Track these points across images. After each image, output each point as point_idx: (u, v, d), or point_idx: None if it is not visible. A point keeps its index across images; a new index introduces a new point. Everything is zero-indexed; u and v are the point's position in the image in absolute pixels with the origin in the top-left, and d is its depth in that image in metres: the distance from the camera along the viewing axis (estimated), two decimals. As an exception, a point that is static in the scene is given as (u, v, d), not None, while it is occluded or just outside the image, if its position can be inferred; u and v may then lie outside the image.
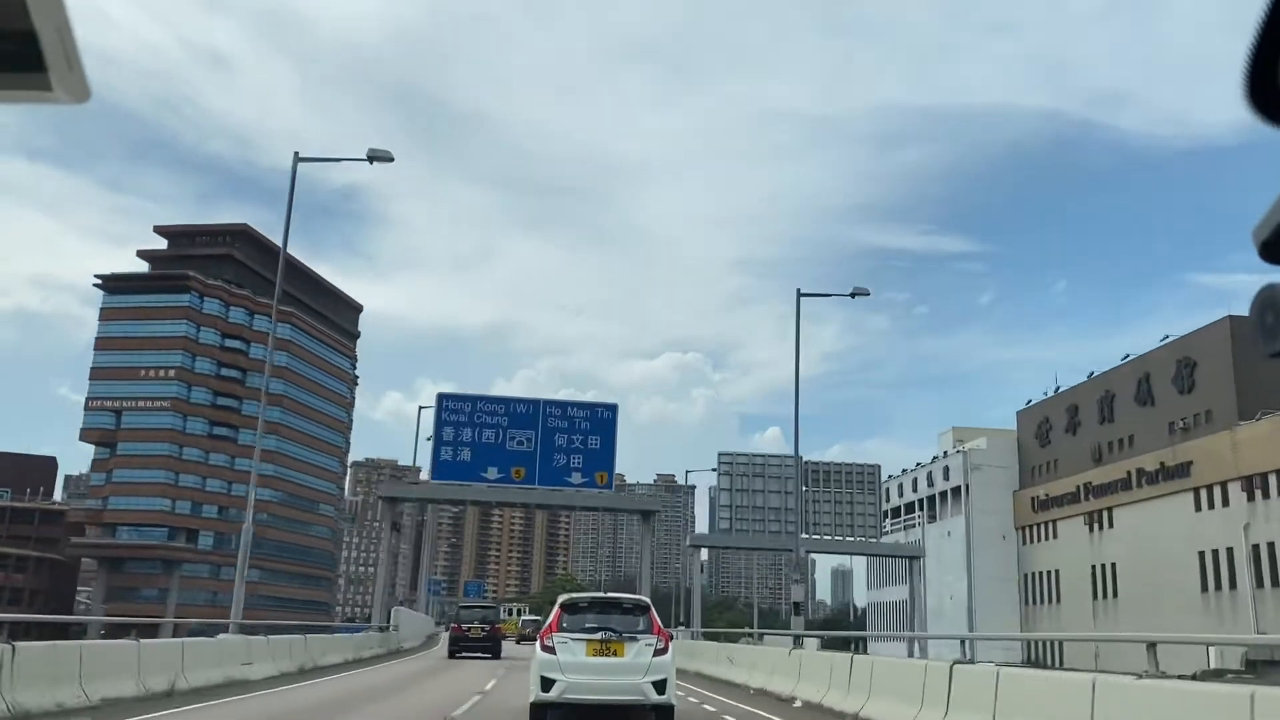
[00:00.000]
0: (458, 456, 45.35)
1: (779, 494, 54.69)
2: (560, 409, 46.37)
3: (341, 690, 22.40)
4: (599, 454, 46.09)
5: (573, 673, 12.92)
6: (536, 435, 45.87)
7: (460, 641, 36.86)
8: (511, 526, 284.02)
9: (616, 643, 13.07)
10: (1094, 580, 63.49)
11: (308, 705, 18.36)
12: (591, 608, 13.98)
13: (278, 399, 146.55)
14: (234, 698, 18.56)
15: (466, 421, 45.51)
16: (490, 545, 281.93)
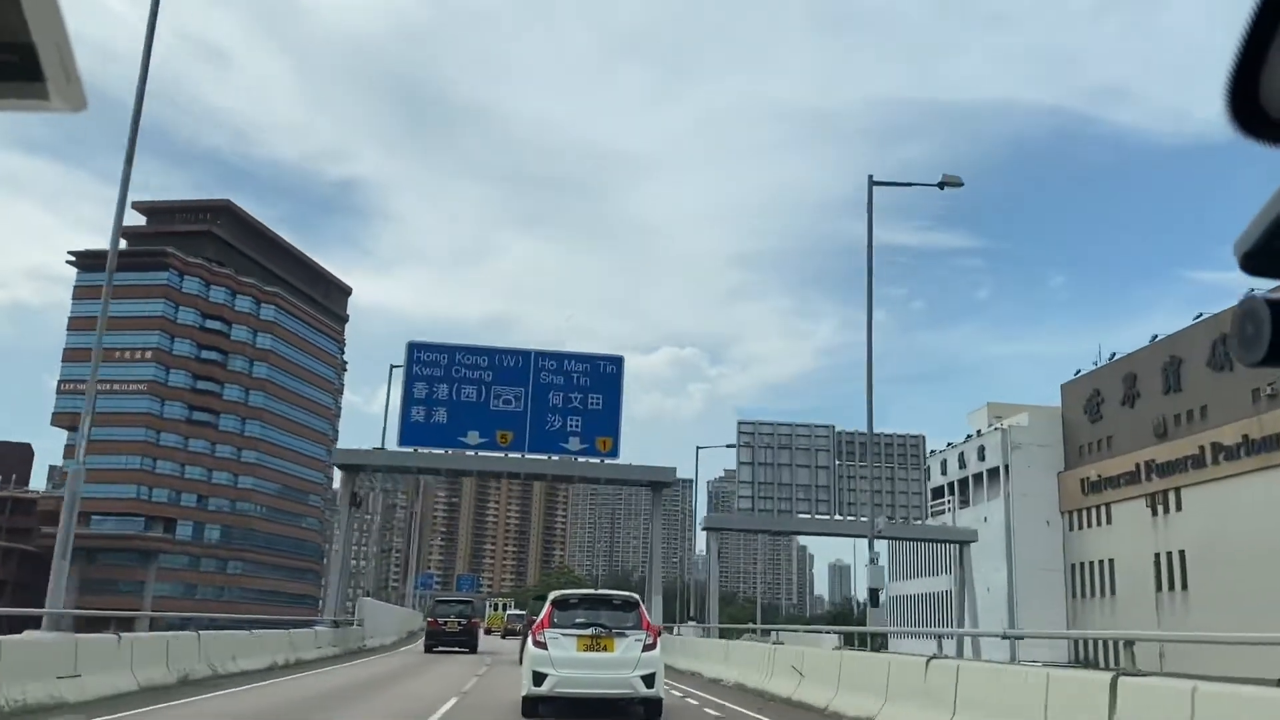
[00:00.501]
0: (431, 418, 37.18)
1: (809, 469, 46.52)
2: (555, 362, 38.13)
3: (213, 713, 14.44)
4: (601, 415, 37.89)
5: (564, 667, 12.88)
6: (527, 393, 37.72)
7: (436, 635, 36.15)
8: (507, 520, 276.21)
9: (607, 638, 13.10)
10: (1158, 571, 55.47)
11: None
12: (582, 604, 13.98)
13: (261, 384, 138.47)
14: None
15: (442, 376, 37.34)
16: (485, 539, 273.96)
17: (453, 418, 37.15)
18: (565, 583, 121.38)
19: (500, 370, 37.68)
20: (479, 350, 37.82)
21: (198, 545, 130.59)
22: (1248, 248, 0.96)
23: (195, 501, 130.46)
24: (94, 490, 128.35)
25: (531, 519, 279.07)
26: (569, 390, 37.90)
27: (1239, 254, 0.96)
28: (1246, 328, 0.99)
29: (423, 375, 37.34)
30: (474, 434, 37.09)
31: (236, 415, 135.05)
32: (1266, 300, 0.97)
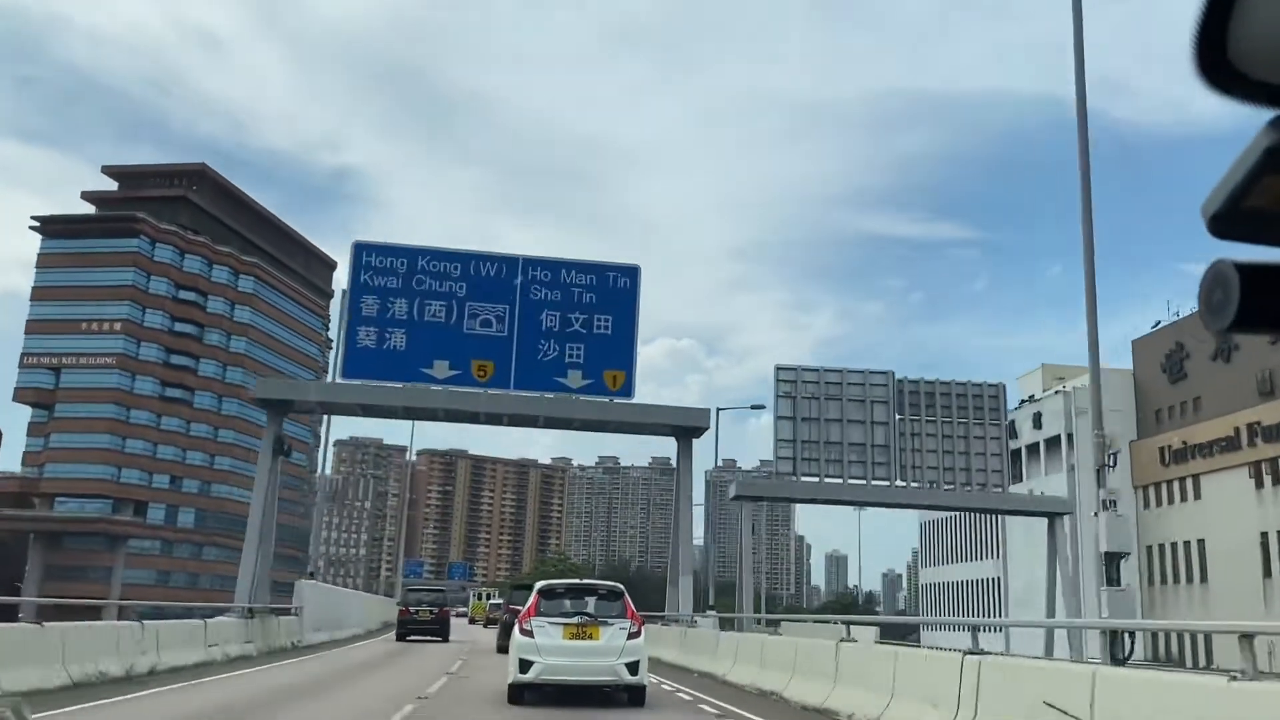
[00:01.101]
0: (386, 343, 27.48)
1: (863, 424, 36.88)
2: (550, 272, 28.31)
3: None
4: (611, 343, 28.18)
5: (550, 655, 12.93)
6: (512, 313, 28.05)
7: (407, 624, 34.89)
8: (502, 508, 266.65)
9: (592, 626, 13.19)
10: (1265, 553, 46.06)
11: None
12: (568, 593, 14.06)
13: (239, 359, 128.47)
14: None
15: (400, 288, 27.66)
16: (480, 528, 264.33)
17: (414, 343, 27.48)
18: (562, 570, 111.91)
19: (478, 282, 27.97)
20: (449, 255, 28.05)
21: (170, 529, 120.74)
22: (1215, 209, 0.92)
23: (168, 483, 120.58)
24: (59, 470, 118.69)
25: (527, 507, 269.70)
26: (568, 309, 28.20)
27: (1206, 217, 0.93)
28: (1215, 293, 0.93)
29: (374, 286, 27.61)
30: (442, 364, 27.41)
31: (212, 392, 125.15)
32: (1235, 265, 0.93)
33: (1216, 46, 0.87)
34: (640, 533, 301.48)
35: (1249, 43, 0.86)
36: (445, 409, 27.41)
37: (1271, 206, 0.90)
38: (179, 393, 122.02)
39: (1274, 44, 0.86)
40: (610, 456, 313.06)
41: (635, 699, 13.51)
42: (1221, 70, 0.88)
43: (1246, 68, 0.88)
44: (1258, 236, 0.93)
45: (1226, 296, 0.93)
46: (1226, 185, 0.91)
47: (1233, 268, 0.93)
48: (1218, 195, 0.92)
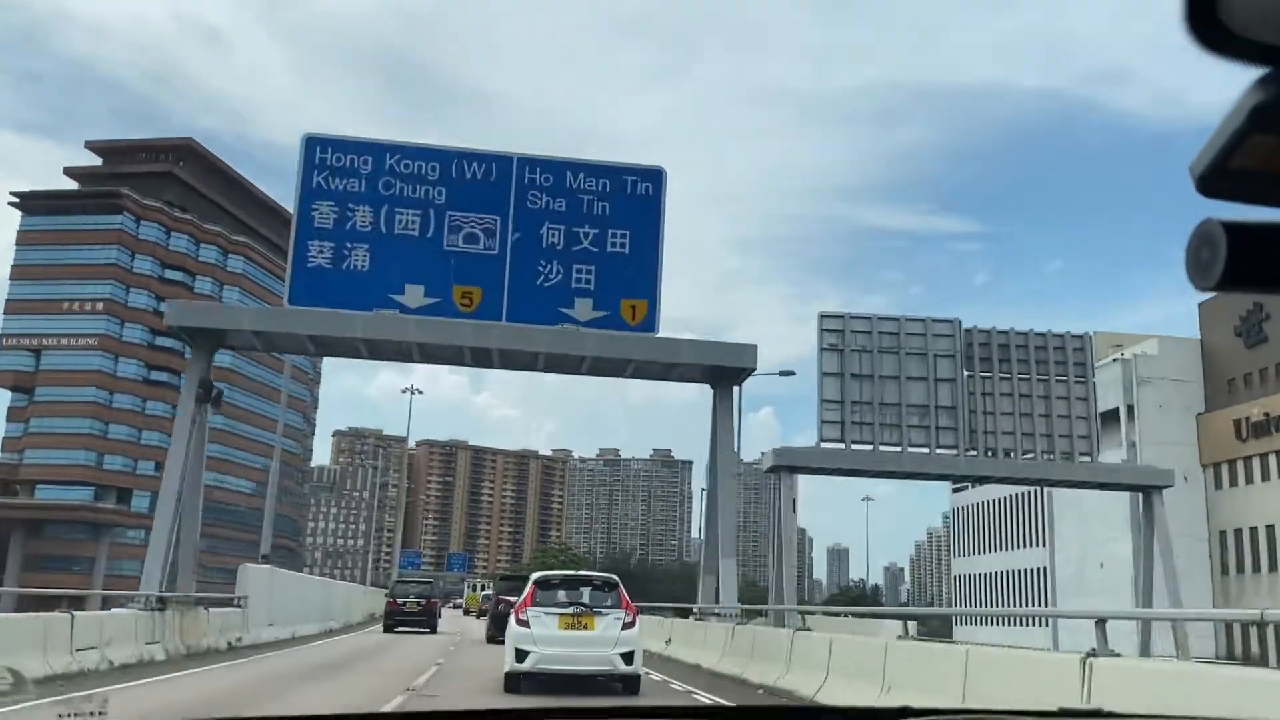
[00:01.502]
0: (345, 263, 21.24)
1: (925, 382, 30.67)
2: (553, 176, 21.84)
3: None
4: (629, 265, 21.88)
5: (545, 645, 13.00)
6: (505, 225, 21.83)
7: (395, 615, 34.05)
8: (503, 500, 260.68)
9: (587, 617, 13.30)
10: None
11: None
12: (563, 584, 14.20)
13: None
14: None
15: (362, 193, 21.41)
16: (480, 519, 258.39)
17: (381, 263, 21.25)
18: (564, 561, 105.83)
19: (462, 188, 21.72)
20: (425, 152, 21.71)
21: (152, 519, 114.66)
22: (1203, 169, 0.91)
23: (153, 469, 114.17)
24: (40, 456, 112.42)
25: (527, 498, 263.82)
26: (576, 222, 21.92)
27: (1195, 175, 0.91)
28: (1202, 252, 0.92)
29: (330, 190, 21.38)
30: (415, 290, 21.15)
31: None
32: (1222, 224, 0.91)
33: (1207, 5, 0.85)
34: (641, 525, 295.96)
35: (1239, 1, 0.84)
36: (420, 343, 21.01)
37: (1258, 165, 0.89)
38: (164, 376, 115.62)
39: (1263, 2, 0.84)
40: (611, 449, 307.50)
41: (630, 688, 13.47)
42: (1212, 29, 0.86)
43: (1236, 26, 0.86)
44: (1244, 195, 0.92)
45: (1214, 255, 0.91)
46: (1214, 145, 0.90)
47: (1220, 226, 0.91)
48: (1205, 154, 0.90)
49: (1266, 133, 0.87)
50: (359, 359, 22.13)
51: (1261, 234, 0.92)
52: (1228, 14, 0.85)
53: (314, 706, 12.02)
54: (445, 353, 22.13)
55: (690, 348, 22.61)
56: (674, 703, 13.04)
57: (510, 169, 21.89)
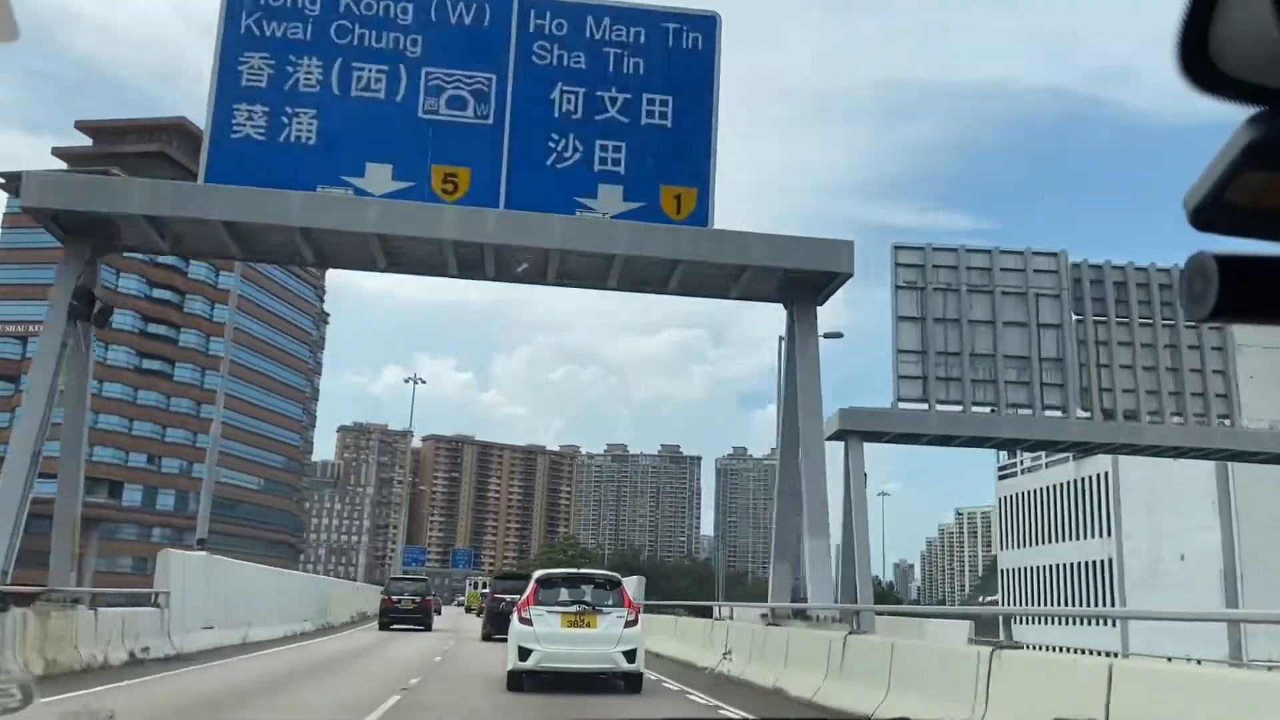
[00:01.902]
0: (284, 135, 15.18)
1: (1024, 327, 24.47)
2: (568, 22, 15.57)
3: None
4: (671, 141, 15.80)
5: (548, 643, 12.84)
6: (501, 87, 15.75)
7: (390, 613, 33.24)
8: (510, 496, 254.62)
9: (590, 615, 13.11)
10: None
11: None
12: (565, 582, 13.86)
13: (222, 329, 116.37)
14: None
15: (307, 44, 15.43)
16: (487, 515, 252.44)
17: (332, 134, 15.16)
18: (573, 556, 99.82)
19: (444, 35, 15.67)
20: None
21: (149, 513, 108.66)
22: (1196, 202, 0.93)
23: (145, 461, 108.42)
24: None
25: (535, 494, 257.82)
26: (600, 84, 15.87)
27: (1188, 209, 0.94)
28: (1195, 283, 0.94)
29: (264, 39, 15.37)
30: (380, 170, 15.05)
31: (194, 364, 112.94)
32: (1215, 256, 0.94)
33: (1199, 46, 0.88)
34: (650, 522, 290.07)
35: (1229, 42, 0.87)
36: (382, 236, 14.82)
37: (1249, 201, 0.91)
38: (157, 364, 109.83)
39: (1252, 43, 0.86)
40: (619, 444, 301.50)
41: (632, 685, 13.26)
42: (1204, 69, 0.89)
43: (1227, 66, 0.89)
44: (1237, 229, 0.94)
45: (1206, 286, 0.93)
46: (1207, 180, 0.92)
47: (1212, 259, 0.94)
48: (1199, 189, 0.93)
49: (1258, 169, 0.89)
50: (301, 265, 16.06)
51: (1253, 266, 0.94)
52: (1219, 55, 0.88)
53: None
54: (418, 252, 15.93)
55: (763, 244, 16.24)
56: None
57: (510, 9, 15.78)
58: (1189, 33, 0.89)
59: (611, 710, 12.41)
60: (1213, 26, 0.88)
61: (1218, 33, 0.88)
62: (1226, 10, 0.87)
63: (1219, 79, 0.89)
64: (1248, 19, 0.86)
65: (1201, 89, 0.90)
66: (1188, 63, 0.89)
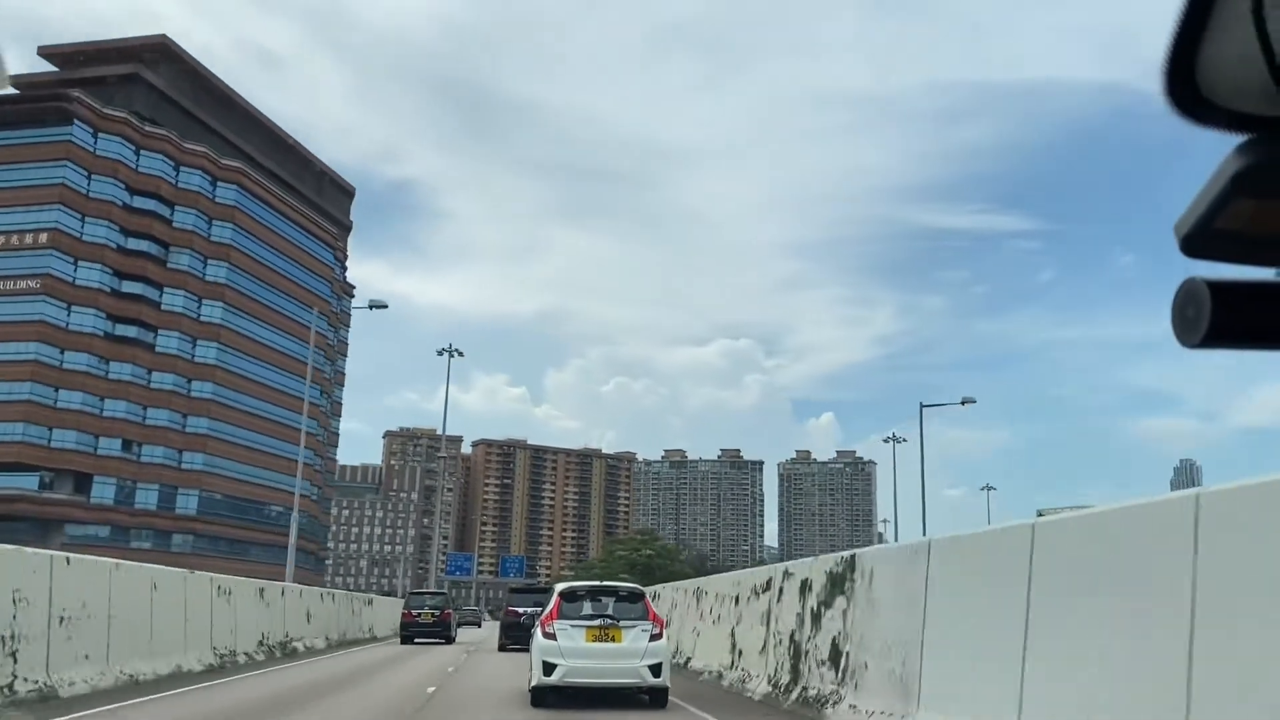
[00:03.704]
0: None
1: None
2: None
3: None
4: None
5: (573, 657, 12.17)
6: None
7: (410, 627, 31.75)
8: (565, 502, 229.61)
9: (614, 629, 12.47)
10: None
11: None
12: (589, 596, 13.02)
13: (218, 290, 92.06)
14: None
15: None
16: (541, 523, 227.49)
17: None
18: (650, 553, 74.60)
19: None
20: None
21: (125, 511, 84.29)
22: (1187, 230, 0.92)
23: (120, 448, 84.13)
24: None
25: (591, 500, 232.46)
26: None
27: (1179, 236, 0.93)
28: (1187, 310, 0.92)
29: None
30: None
31: (181, 331, 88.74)
32: (1207, 282, 0.92)
33: (1186, 75, 0.87)
34: (711, 529, 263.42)
35: (1216, 71, 0.86)
36: None
37: (1239, 228, 0.90)
38: (134, 330, 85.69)
39: (1239, 73, 0.85)
40: (677, 449, 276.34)
41: (657, 700, 12.45)
42: (1191, 97, 0.88)
43: (1214, 95, 0.88)
44: (1227, 256, 0.93)
45: (1198, 312, 0.92)
46: (1197, 208, 0.91)
47: (1204, 285, 0.92)
48: (1189, 217, 0.92)
49: (1247, 197, 0.88)
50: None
51: (1244, 291, 0.92)
52: (1206, 84, 0.87)
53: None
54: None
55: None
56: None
57: None
58: (1176, 61, 0.87)
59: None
60: (1199, 55, 0.86)
61: (1205, 61, 0.86)
62: (1213, 39, 0.85)
63: (1206, 107, 0.88)
64: (1234, 48, 0.84)
65: (1188, 117, 0.88)
66: (1174, 91, 0.87)
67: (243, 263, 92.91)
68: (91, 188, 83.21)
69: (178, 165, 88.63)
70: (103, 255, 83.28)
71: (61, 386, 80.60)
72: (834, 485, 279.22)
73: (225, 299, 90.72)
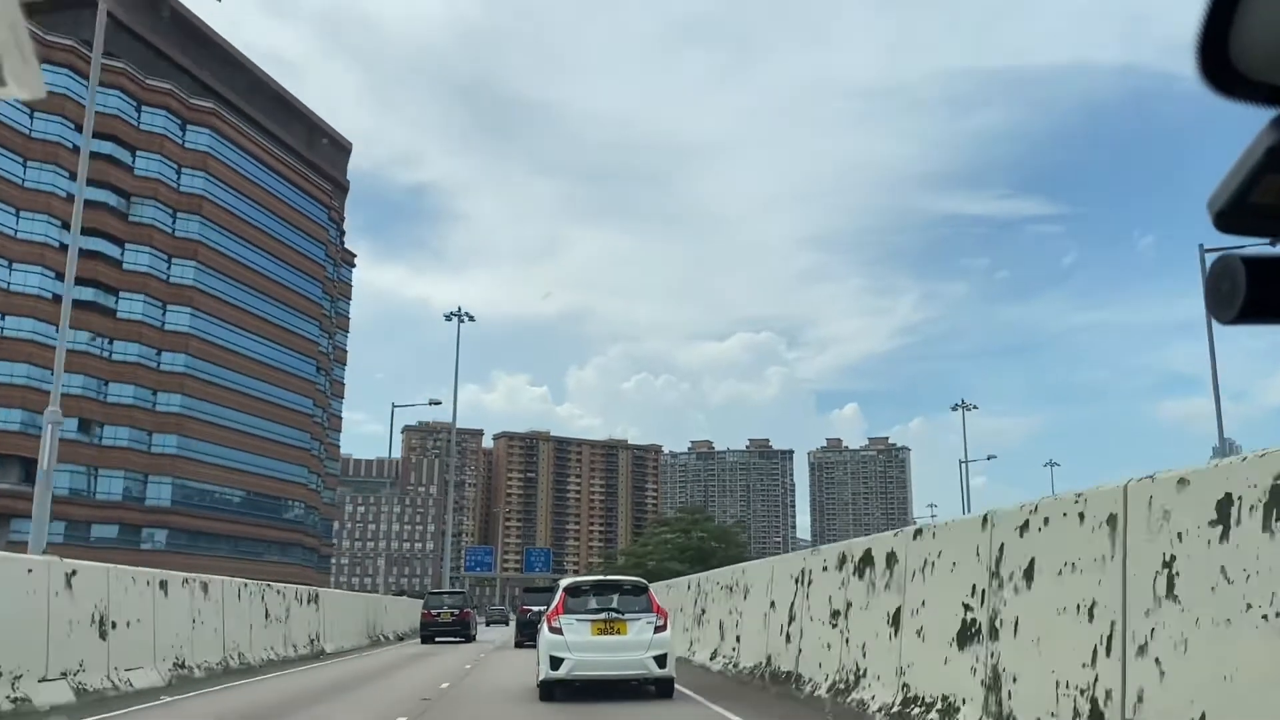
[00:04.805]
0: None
1: None
2: None
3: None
4: None
5: (579, 651, 12.14)
6: None
7: (430, 626, 31.54)
8: (591, 495, 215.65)
9: (620, 622, 12.40)
10: None
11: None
12: (594, 590, 13.14)
13: (190, 247, 78.15)
14: None
15: None
16: (568, 516, 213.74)
17: None
18: (702, 533, 60.38)
19: None
20: None
21: (85, 503, 70.48)
22: (1220, 206, 0.89)
23: (75, 430, 70.26)
24: None
25: (618, 492, 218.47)
26: None
27: (1212, 212, 0.90)
28: (1222, 285, 0.89)
29: None
30: None
31: (148, 294, 74.85)
32: (1242, 258, 0.89)
33: (1219, 49, 0.84)
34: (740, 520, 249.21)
35: (1250, 45, 0.83)
36: None
37: (1274, 202, 0.87)
38: (89, 293, 71.68)
39: (1273, 45, 0.82)
40: (703, 440, 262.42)
41: (663, 691, 12.32)
42: (1224, 72, 0.85)
43: (1248, 69, 0.84)
44: (1262, 231, 0.90)
45: (1234, 288, 0.89)
46: (1231, 183, 0.87)
47: (1239, 261, 0.89)
48: (1223, 192, 0.88)
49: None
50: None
51: (1279, 268, 0.89)
52: (1239, 58, 0.83)
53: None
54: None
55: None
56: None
57: None
58: (1209, 36, 0.83)
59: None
60: (1233, 29, 0.83)
61: (1238, 36, 0.83)
62: (1246, 13, 0.82)
63: (1240, 82, 0.84)
64: (1268, 21, 0.82)
65: (1222, 93, 0.85)
66: (1208, 66, 0.84)
67: (218, 217, 78.89)
68: (35, 126, 69.54)
69: (139, 104, 74.75)
70: (49, 205, 69.48)
71: (3, 358, 66.86)
72: (867, 473, 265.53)
73: (199, 258, 76.79)
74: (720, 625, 16.55)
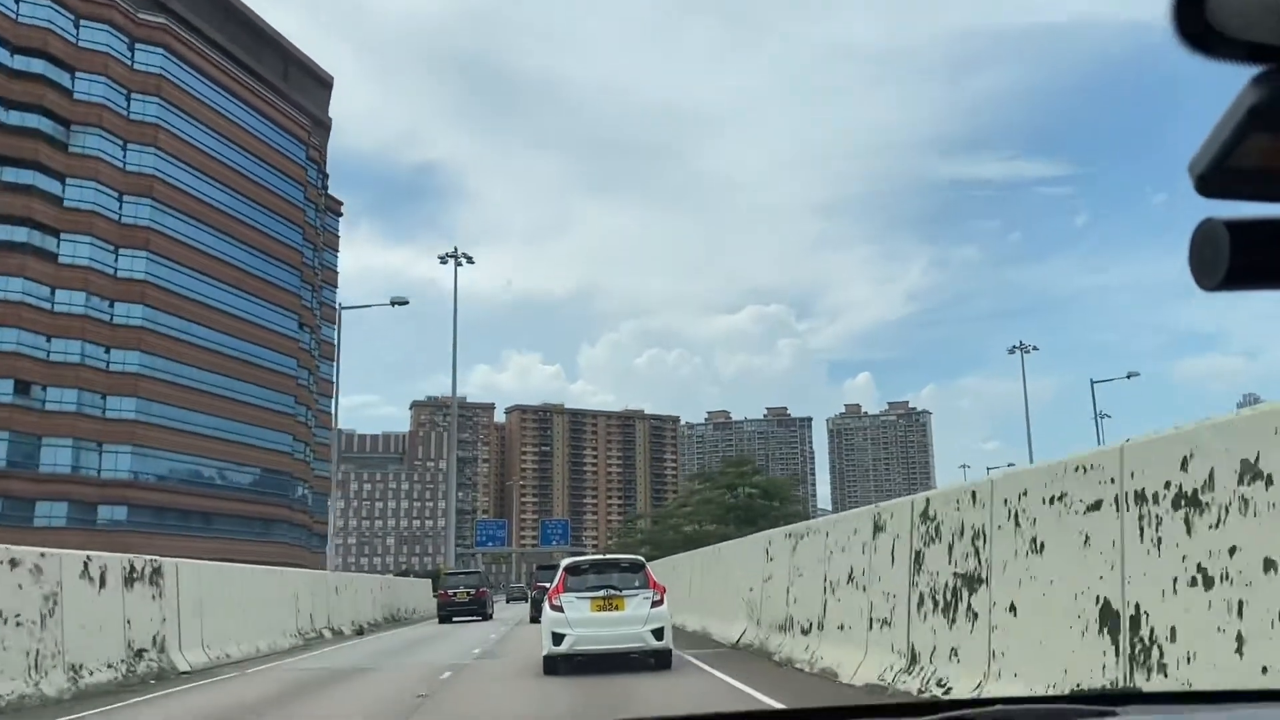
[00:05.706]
0: None
1: None
2: None
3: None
4: None
5: (580, 627, 12.56)
6: None
7: (447, 606, 32.38)
8: (608, 469, 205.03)
9: (618, 598, 12.82)
10: None
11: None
12: (593, 569, 13.52)
13: (144, 183, 66.84)
14: None
15: None
16: (585, 490, 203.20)
17: None
18: (762, 491, 49.51)
19: None
20: None
21: (26, 476, 59.73)
22: (1202, 169, 0.83)
23: (12, 392, 59.58)
24: None
25: (636, 464, 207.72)
26: None
27: (1194, 175, 0.84)
28: (1205, 250, 0.84)
29: None
30: None
31: (95, 235, 63.75)
32: (1225, 223, 0.84)
33: (1195, 6, 0.78)
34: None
35: (1227, 2, 0.78)
36: None
37: (1257, 164, 0.81)
38: (24, 233, 60.82)
39: (1251, 2, 0.77)
40: (720, 410, 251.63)
41: (662, 662, 12.78)
42: (1201, 29, 0.79)
43: (1225, 26, 0.78)
44: (1245, 193, 0.84)
45: (1216, 253, 0.83)
46: (1212, 144, 0.82)
47: (1222, 225, 0.84)
48: (1204, 154, 0.83)
49: (1264, 132, 0.79)
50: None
51: (1264, 230, 0.84)
52: (1216, 15, 0.78)
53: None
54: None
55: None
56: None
57: None
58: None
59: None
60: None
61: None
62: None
63: (1218, 40, 0.78)
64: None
65: (1200, 50, 0.79)
66: (1184, 23, 0.78)
67: (175, 148, 67.64)
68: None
69: (77, 18, 63.35)
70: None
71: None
72: (887, 439, 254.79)
73: (155, 194, 65.64)
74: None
